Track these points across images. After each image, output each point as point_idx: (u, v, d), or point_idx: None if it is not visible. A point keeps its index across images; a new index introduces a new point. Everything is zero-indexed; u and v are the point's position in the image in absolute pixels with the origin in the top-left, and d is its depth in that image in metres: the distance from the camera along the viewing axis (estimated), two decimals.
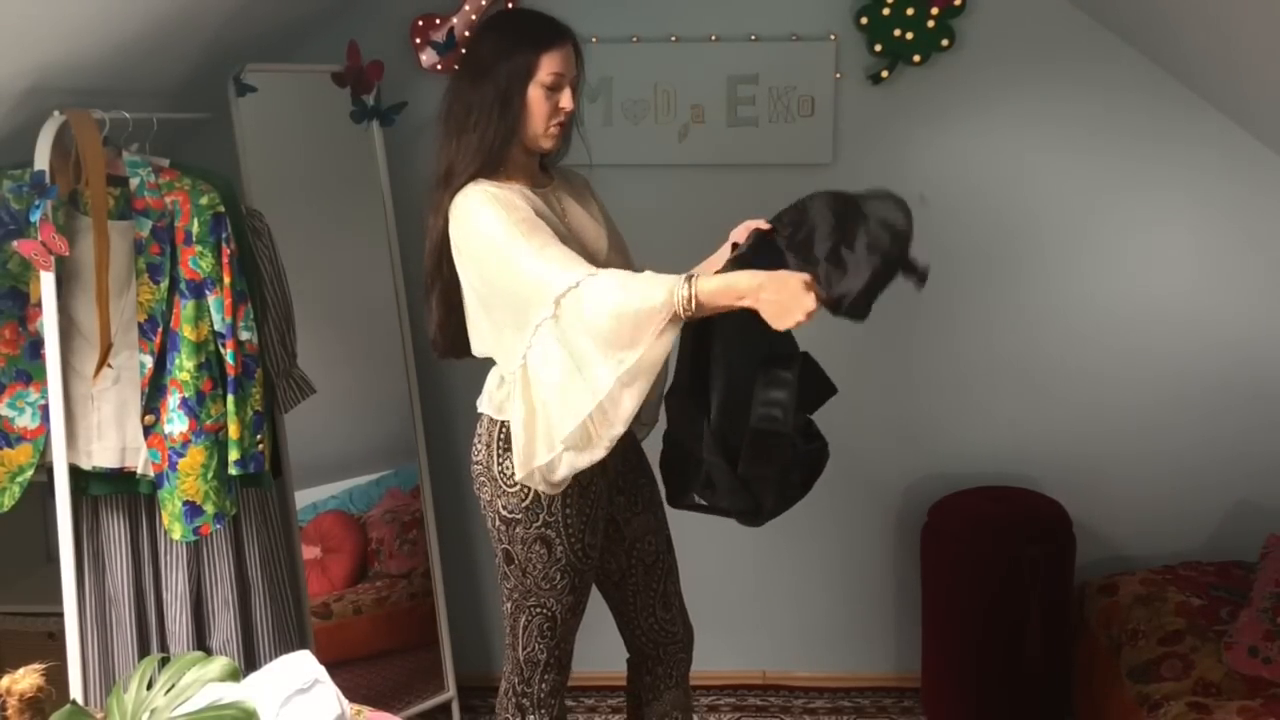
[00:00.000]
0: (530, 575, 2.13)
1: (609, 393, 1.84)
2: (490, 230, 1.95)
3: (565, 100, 2.07)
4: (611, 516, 2.25)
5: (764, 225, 2.07)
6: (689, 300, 1.81)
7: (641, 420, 2.24)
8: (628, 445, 2.26)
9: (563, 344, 1.87)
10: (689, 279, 1.82)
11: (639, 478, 2.30)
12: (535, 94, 2.04)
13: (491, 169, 2.05)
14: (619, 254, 2.23)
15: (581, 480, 2.05)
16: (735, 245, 2.09)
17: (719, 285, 1.83)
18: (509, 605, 2.19)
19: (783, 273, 1.85)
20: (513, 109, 2.04)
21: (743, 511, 2.04)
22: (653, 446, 2.35)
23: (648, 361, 1.83)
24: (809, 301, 1.79)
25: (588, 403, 1.85)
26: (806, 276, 1.83)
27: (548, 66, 2.04)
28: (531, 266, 1.90)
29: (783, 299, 1.80)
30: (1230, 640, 2.58)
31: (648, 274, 1.87)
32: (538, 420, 1.94)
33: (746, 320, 1.85)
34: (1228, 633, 2.61)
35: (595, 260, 2.13)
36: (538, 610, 2.16)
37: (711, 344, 1.99)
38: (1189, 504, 3.18)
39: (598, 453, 1.91)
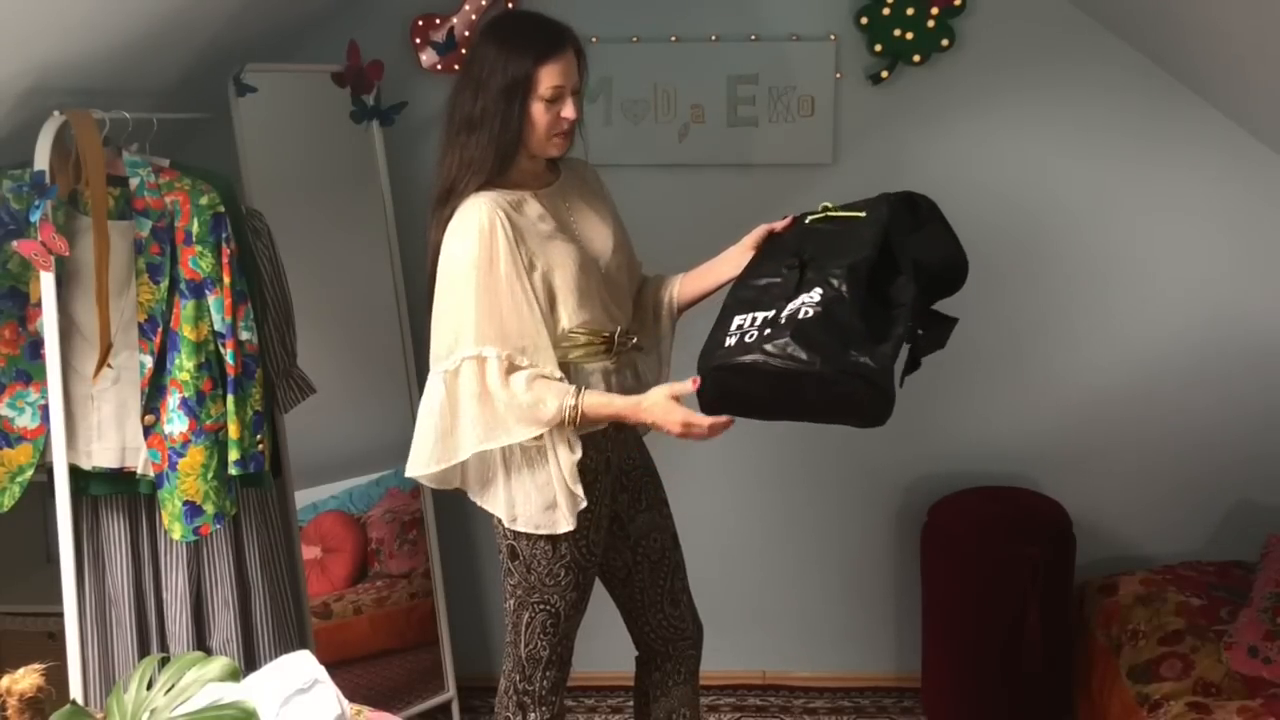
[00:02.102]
0: (535, 572, 2.13)
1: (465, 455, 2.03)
2: (458, 257, 2.00)
3: (567, 110, 2.06)
4: (615, 514, 2.25)
5: (777, 226, 2.13)
6: (575, 411, 1.97)
7: None
8: (631, 443, 2.27)
9: (450, 399, 2.01)
10: (578, 392, 1.99)
11: (644, 475, 2.30)
12: (536, 108, 2.03)
13: (497, 175, 2.05)
14: (622, 252, 2.23)
15: (585, 477, 2.06)
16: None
17: (603, 410, 2.01)
18: (512, 602, 2.19)
19: (663, 408, 1.99)
20: (512, 125, 2.03)
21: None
22: (656, 444, 2.36)
23: (511, 444, 2.01)
24: (678, 430, 1.98)
25: (448, 458, 2.03)
26: (679, 421, 1.97)
27: (547, 80, 2.02)
28: (462, 314, 1.99)
29: (659, 421, 2.00)
30: (1230, 640, 2.58)
31: (541, 382, 1.98)
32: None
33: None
34: (1228, 633, 2.61)
35: (599, 261, 2.14)
36: (541, 607, 2.16)
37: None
38: (1189, 504, 3.18)
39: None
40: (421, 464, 2.06)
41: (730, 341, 1.95)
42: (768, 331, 1.91)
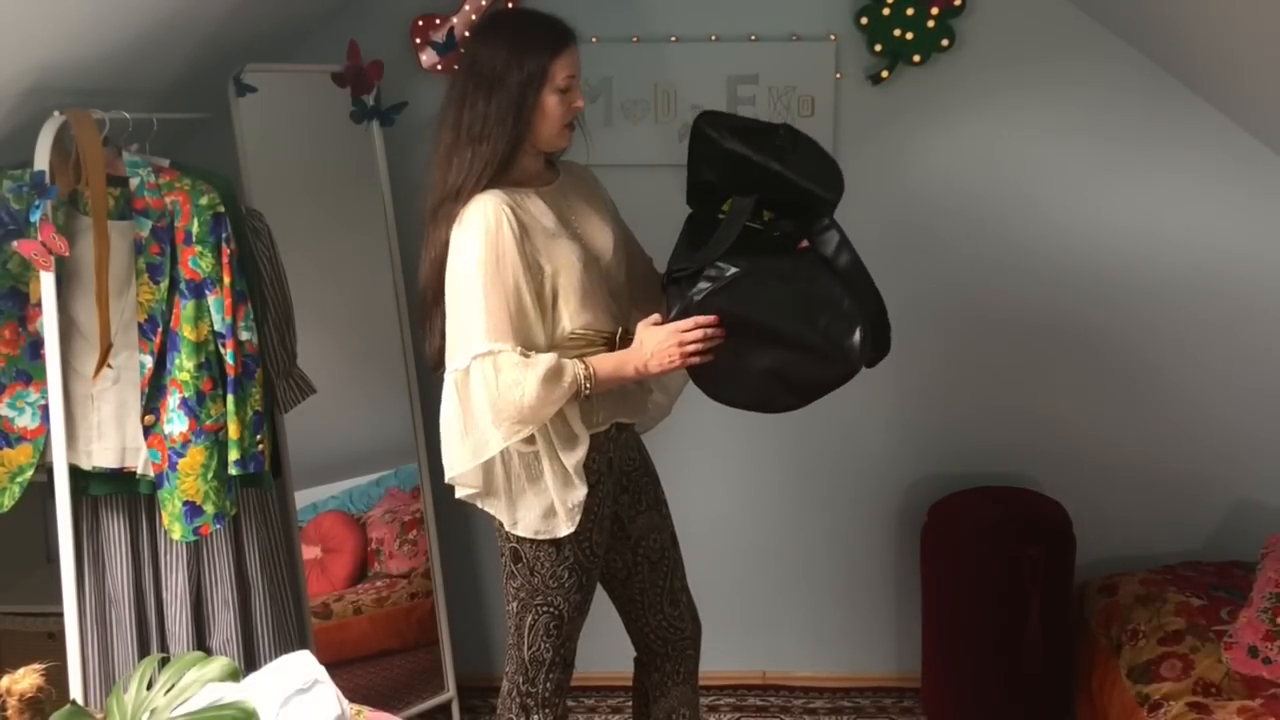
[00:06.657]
0: (538, 574, 2.13)
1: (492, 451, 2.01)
2: (466, 259, 2.00)
3: (579, 100, 2.10)
4: (616, 515, 2.25)
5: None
6: (588, 380, 2.01)
7: (650, 415, 2.31)
8: (631, 444, 2.27)
9: (461, 399, 2.00)
10: (586, 363, 2.03)
11: (643, 476, 2.30)
12: (551, 100, 2.05)
13: (502, 174, 2.05)
14: (623, 250, 2.23)
15: (588, 478, 2.06)
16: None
17: (612, 370, 2.05)
18: (515, 604, 2.19)
19: (651, 334, 2.05)
20: (524, 116, 2.04)
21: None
22: (655, 445, 2.36)
23: (539, 427, 2.00)
24: (675, 352, 2.02)
25: (468, 460, 2.01)
26: (667, 329, 2.03)
27: (562, 71, 2.05)
28: (471, 312, 1.99)
29: (660, 357, 2.03)
30: (1230, 640, 2.58)
31: (552, 360, 1.98)
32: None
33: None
34: (1228, 633, 2.61)
35: (601, 259, 2.14)
36: (545, 609, 2.16)
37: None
38: (1189, 504, 3.18)
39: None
40: (456, 465, 2.05)
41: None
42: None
